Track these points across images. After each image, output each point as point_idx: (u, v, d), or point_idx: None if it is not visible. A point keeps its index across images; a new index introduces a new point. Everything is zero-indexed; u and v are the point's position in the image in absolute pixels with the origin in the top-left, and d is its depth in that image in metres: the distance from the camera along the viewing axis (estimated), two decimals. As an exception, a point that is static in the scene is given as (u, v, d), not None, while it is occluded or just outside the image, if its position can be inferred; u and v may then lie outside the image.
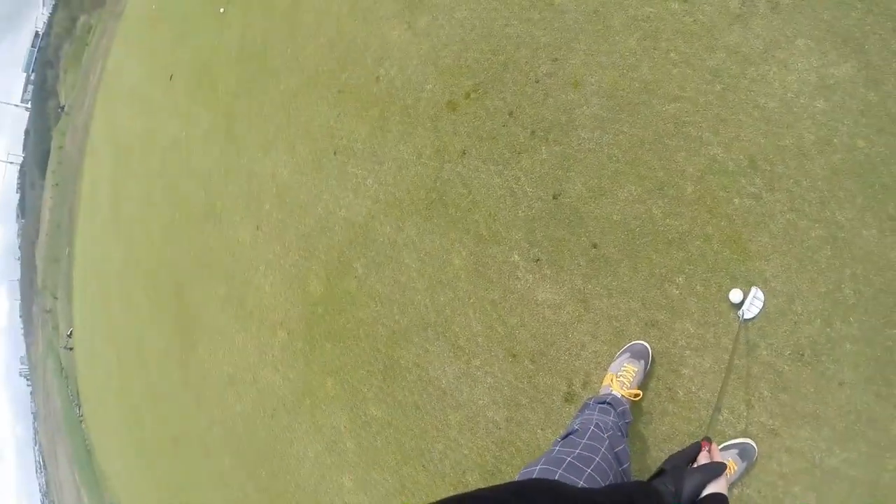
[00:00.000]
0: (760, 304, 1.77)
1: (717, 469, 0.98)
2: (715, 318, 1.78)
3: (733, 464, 1.72)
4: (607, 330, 1.85)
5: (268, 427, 3.09)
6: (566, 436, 1.36)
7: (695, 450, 1.04)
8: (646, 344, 1.79)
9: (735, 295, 1.75)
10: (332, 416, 2.54)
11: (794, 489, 1.78)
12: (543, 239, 1.95)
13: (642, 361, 1.76)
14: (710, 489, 0.95)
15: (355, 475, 2.49)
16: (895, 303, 1.73)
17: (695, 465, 1.02)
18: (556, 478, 1.11)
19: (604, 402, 1.62)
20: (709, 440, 1.06)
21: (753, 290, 1.77)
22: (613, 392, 1.71)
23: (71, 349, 14.68)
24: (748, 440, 1.75)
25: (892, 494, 1.73)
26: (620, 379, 1.73)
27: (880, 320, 1.74)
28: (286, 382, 2.83)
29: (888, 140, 1.80)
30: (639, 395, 1.73)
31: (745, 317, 1.77)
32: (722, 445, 1.78)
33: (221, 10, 4.98)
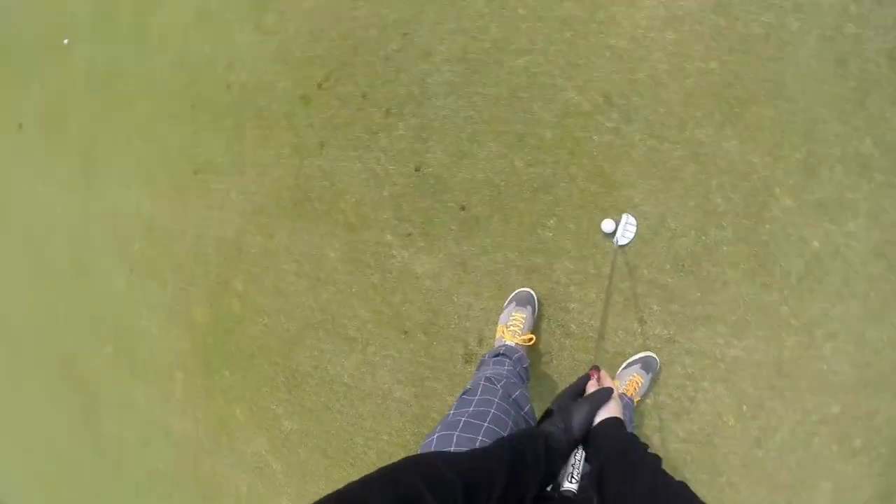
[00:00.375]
0: (634, 229, 1.82)
1: (603, 395, 0.93)
2: (592, 251, 1.82)
3: (639, 378, 1.77)
4: (490, 285, 1.84)
5: (194, 475, 2.84)
6: (461, 397, 1.34)
7: (583, 381, 0.99)
8: (529, 290, 1.80)
9: (607, 225, 1.79)
10: (251, 443, 2.38)
11: (703, 385, 1.86)
12: (412, 213, 1.91)
13: (529, 307, 1.78)
14: (601, 416, 0.91)
15: (291, 494, 2.35)
16: (764, 201, 1.82)
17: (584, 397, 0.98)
18: (454, 441, 1.05)
19: (498, 355, 1.61)
20: (597, 368, 1.02)
21: (624, 216, 1.81)
22: (507, 342, 1.71)
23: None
24: (648, 353, 1.81)
25: (796, 367, 1.82)
26: (511, 328, 1.74)
27: (752, 220, 1.81)
28: (197, 424, 2.62)
29: (739, 58, 1.87)
30: (532, 339, 1.74)
31: (620, 243, 1.83)
32: (624, 364, 1.83)
33: (66, 41, 4.50)
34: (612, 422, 0.89)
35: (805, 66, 1.92)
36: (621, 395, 1.71)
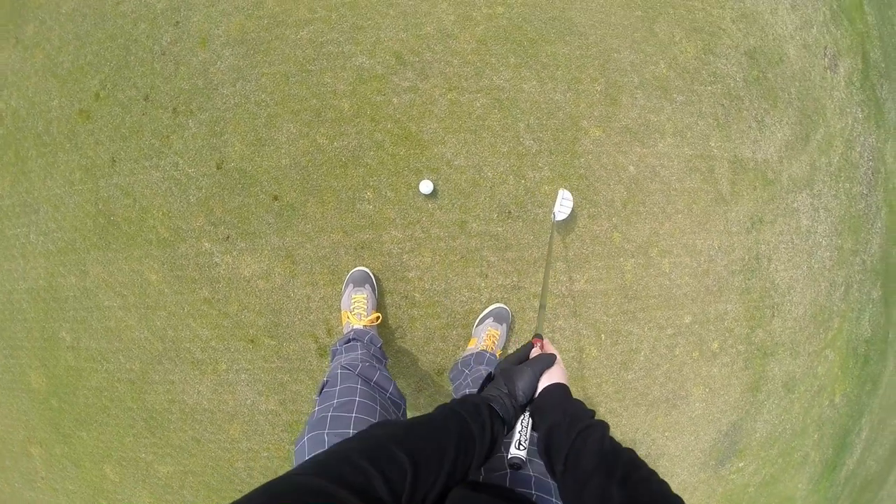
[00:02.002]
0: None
1: (546, 360, 0.89)
2: (416, 216, 1.75)
3: (494, 331, 1.75)
4: (323, 272, 1.73)
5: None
6: (321, 391, 1.25)
7: (527, 349, 0.96)
8: (363, 269, 1.71)
9: (425, 186, 1.71)
10: (132, 500, 2.15)
11: (558, 323, 1.88)
12: (225, 214, 1.72)
13: (367, 285, 1.69)
14: (545, 382, 0.87)
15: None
16: (574, 136, 1.83)
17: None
18: (326, 441, 0.98)
19: (349, 341, 1.53)
20: (539, 337, 0.99)
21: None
22: (354, 326, 1.63)
23: None
24: (497, 304, 1.80)
25: (641, 287, 1.90)
26: (355, 311, 1.65)
27: (566, 156, 1.84)
28: (69, 497, 2.31)
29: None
30: (378, 317, 1.67)
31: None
32: (477, 320, 1.80)
33: None
34: (558, 388, 0.86)
35: (590, 0, 1.95)
36: (482, 352, 1.68)
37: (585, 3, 1.96)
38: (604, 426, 0.78)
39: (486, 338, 1.72)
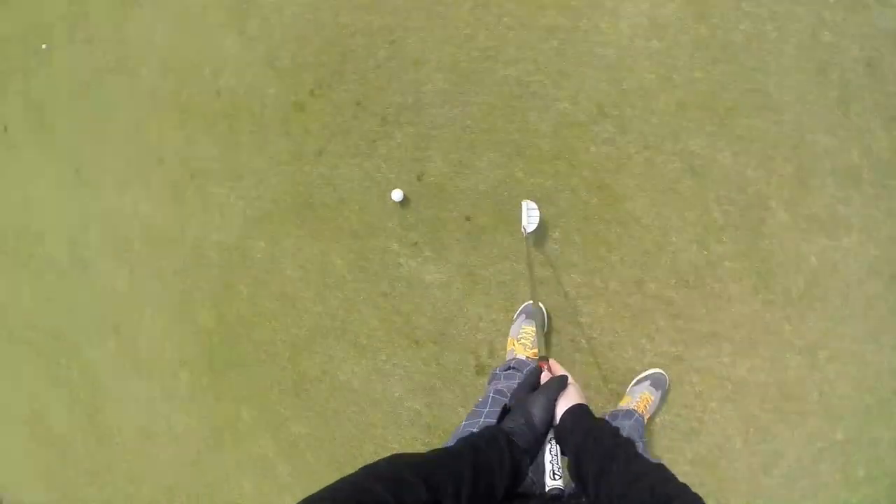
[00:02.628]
0: (536, 214, 1.71)
1: (558, 383, 0.86)
2: (598, 265, 1.76)
3: (649, 395, 1.70)
4: (499, 297, 1.78)
5: (196, 473, 2.78)
6: (473, 409, 1.31)
7: (535, 375, 0.91)
8: (539, 304, 1.74)
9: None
10: (256, 444, 2.33)
11: (711, 405, 1.79)
12: (417, 222, 1.83)
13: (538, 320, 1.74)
14: (563, 405, 0.84)
15: (297, 494, 2.32)
16: (761, 216, 1.76)
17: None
18: None
19: (509, 368, 1.57)
20: (545, 359, 0.96)
21: (524, 203, 1.68)
22: (517, 355, 1.65)
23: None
24: (657, 369, 1.76)
25: (800, 389, 1.79)
26: (522, 341, 1.68)
27: (751, 235, 1.77)
28: (201, 422, 2.56)
29: (723, 68, 1.81)
30: None
31: (528, 230, 1.70)
32: (634, 380, 1.76)
33: (44, 46, 4.26)
34: (577, 409, 0.83)
35: (787, 75, 1.85)
36: (631, 412, 1.65)
37: (782, 78, 1.86)
38: (629, 443, 0.75)
39: (640, 399, 1.69)
